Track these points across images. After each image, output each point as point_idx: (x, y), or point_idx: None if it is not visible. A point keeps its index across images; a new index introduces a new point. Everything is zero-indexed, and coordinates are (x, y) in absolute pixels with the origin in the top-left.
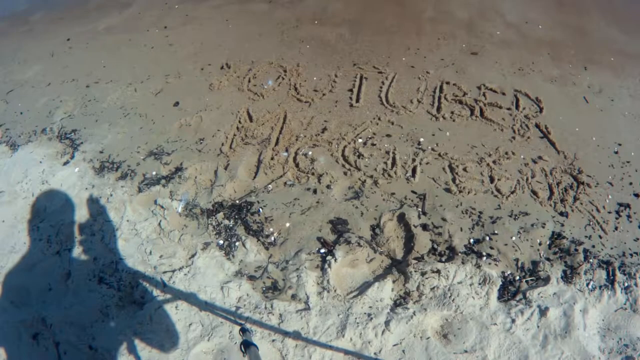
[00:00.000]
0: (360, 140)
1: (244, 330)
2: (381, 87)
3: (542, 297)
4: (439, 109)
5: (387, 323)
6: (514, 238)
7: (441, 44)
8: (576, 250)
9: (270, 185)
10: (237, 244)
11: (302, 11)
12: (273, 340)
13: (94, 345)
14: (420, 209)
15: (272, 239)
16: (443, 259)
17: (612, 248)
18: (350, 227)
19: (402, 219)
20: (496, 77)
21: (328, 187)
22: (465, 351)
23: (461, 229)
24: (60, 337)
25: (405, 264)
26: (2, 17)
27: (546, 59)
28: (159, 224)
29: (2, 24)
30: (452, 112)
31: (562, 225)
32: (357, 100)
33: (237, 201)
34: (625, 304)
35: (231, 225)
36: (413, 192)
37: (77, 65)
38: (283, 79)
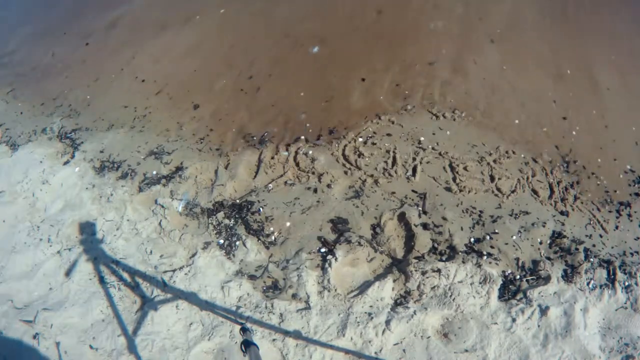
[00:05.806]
0: (360, 140)
1: (244, 330)
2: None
3: (542, 296)
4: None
5: (387, 322)
6: (514, 237)
7: None
8: (577, 249)
9: (270, 185)
10: (237, 243)
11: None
12: (274, 340)
13: (94, 345)
14: (420, 208)
15: (273, 238)
16: (443, 258)
17: (612, 247)
18: (350, 227)
19: (402, 218)
20: None
21: (328, 186)
22: (466, 350)
23: (462, 228)
24: (60, 337)
25: (406, 263)
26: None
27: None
28: (160, 223)
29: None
30: (453, 111)
31: (563, 224)
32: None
33: (238, 200)
34: (625, 303)
35: (232, 225)
36: (413, 191)
37: None
38: None
